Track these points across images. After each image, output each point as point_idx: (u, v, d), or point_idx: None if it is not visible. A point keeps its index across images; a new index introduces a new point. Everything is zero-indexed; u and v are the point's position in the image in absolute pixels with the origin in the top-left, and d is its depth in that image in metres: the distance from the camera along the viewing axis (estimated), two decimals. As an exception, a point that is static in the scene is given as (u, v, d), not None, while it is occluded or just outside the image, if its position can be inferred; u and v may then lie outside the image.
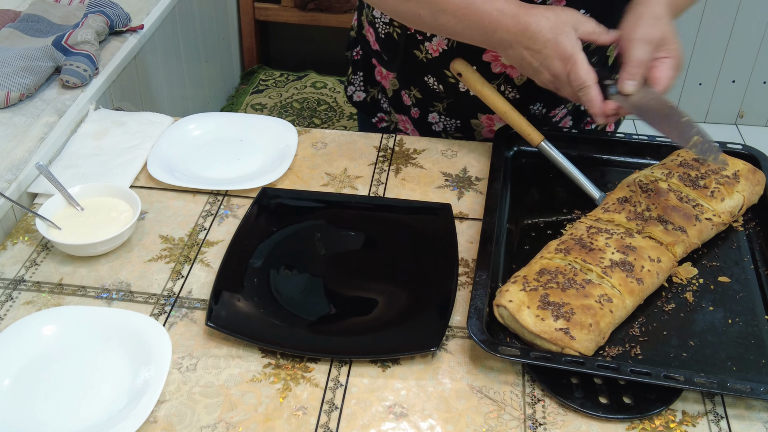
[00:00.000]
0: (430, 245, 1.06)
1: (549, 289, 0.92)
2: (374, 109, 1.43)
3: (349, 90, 1.45)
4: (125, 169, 1.21)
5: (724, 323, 0.95)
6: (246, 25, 2.94)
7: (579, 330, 0.88)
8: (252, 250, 1.05)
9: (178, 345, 0.94)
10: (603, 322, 0.90)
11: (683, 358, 0.90)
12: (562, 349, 0.88)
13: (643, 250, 0.97)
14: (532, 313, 0.90)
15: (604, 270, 0.94)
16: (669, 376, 0.84)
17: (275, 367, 0.91)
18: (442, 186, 1.20)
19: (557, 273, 0.94)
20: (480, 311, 0.91)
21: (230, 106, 2.81)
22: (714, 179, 1.08)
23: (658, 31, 1.02)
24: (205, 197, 1.18)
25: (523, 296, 0.92)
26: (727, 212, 1.06)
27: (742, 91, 3.08)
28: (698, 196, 1.07)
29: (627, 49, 1.02)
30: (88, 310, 0.97)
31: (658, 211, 1.03)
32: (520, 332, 0.91)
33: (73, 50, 1.42)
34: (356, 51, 1.42)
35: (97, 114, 1.36)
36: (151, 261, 1.06)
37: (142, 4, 1.80)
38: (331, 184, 1.20)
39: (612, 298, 0.92)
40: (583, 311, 0.89)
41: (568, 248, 0.97)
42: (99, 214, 1.10)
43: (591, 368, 0.85)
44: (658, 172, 1.11)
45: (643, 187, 1.07)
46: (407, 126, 1.39)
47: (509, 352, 0.87)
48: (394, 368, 0.91)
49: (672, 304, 0.98)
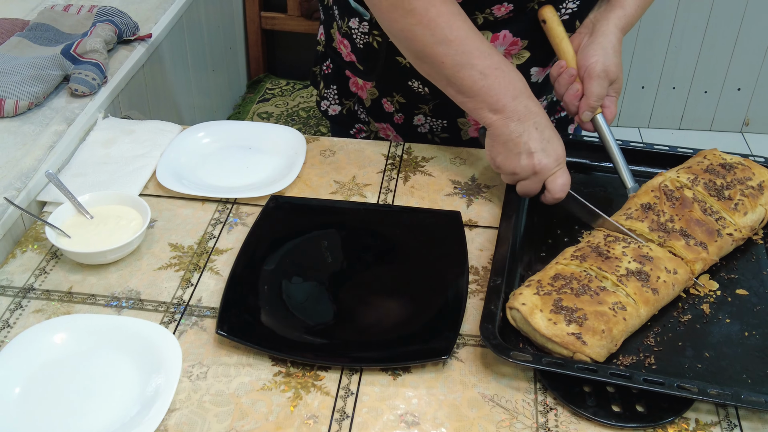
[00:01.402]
0: (440, 253, 1.06)
1: (563, 294, 0.91)
2: (351, 121, 1.42)
3: (322, 105, 1.44)
4: (134, 177, 1.21)
5: (741, 336, 0.94)
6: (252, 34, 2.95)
7: (591, 335, 0.88)
8: (261, 258, 1.05)
9: (188, 353, 0.94)
10: (616, 329, 0.89)
11: (698, 369, 0.90)
12: (573, 354, 0.88)
13: (660, 261, 0.96)
14: (544, 316, 0.90)
15: (619, 278, 0.93)
16: (682, 387, 0.83)
17: (286, 376, 0.91)
18: (451, 194, 1.20)
19: (572, 279, 0.93)
20: (493, 315, 0.91)
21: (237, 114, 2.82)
22: (739, 190, 1.06)
23: (614, 68, 1.14)
24: (214, 205, 1.18)
25: (536, 299, 0.91)
26: (748, 226, 1.05)
27: (748, 99, 3.08)
28: (722, 208, 1.05)
29: (588, 83, 1.14)
30: (97, 318, 0.96)
31: (682, 223, 1.02)
32: (532, 335, 0.91)
33: (81, 59, 1.43)
34: (326, 65, 1.41)
35: (106, 122, 1.36)
36: (160, 269, 1.06)
37: (150, 14, 1.80)
38: (339, 192, 1.20)
39: (626, 306, 0.91)
40: (596, 317, 0.89)
41: (585, 255, 0.97)
42: (108, 222, 1.10)
43: (604, 376, 0.85)
44: (684, 177, 1.08)
45: (668, 193, 1.05)
46: (388, 133, 1.39)
47: (521, 357, 0.86)
48: (404, 376, 0.91)
49: (688, 315, 0.97)
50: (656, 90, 3.06)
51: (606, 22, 1.16)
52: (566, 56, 1.15)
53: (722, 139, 3.14)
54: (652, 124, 3.16)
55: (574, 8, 1.16)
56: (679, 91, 3.08)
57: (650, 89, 3.05)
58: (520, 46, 1.19)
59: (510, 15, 1.15)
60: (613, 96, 1.16)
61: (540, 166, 1.06)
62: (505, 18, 1.15)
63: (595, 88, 1.13)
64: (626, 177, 1.13)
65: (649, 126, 3.16)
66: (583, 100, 1.14)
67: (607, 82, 1.14)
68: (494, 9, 1.13)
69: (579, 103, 1.15)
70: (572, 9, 1.17)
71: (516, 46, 1.19)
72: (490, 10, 1.13)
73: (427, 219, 1.12)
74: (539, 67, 1.23)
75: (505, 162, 1.08)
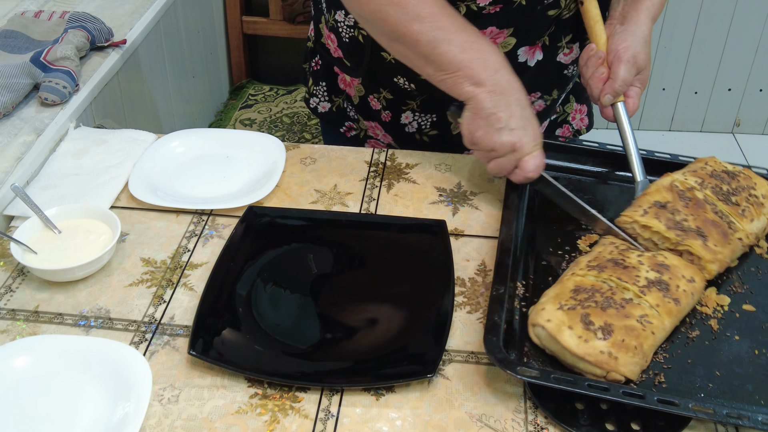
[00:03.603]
0: (425, 264, 1.02)
1: (588, 309, 0.86)
2: (341, 119, 1.39)
3: (311, 102, 1.42)
4: (105, 189, 1.16)
5: (751, 354, 0.90)
6: (234, 39, 2.90)
7: (625, 353, 0.83)
8: (238, 272, 1.01)
9: (159, 375, 0.89)
10: (646, 344, 0.85)
11: (709, 388, 0.85)
12: (606, 373, 0.83)
13: (676, 269, 0.92)
14: (574, 333, 0.84)
15: (641, 289, 0.89)
16: (697, 408, 0.79)
17: (262, 398, 0.86)
18: (436, 201, 1.15)
19: (594, 291, 0.88)
20: (497, 327, 0.86)
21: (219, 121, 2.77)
22: (744, 197, 1.03)
23: (644, 57, 1.13)
24: (188, 217, 1.13)
25: (561, 315, 0.86)
26: (754, 234, 1.02)
27: (738, 100, 3.06)
28: (731, 212, 1.01)
29: (615, 67, 1.12)
30: (63, 339, 0.92)
31: (698, 222, 0.98)
32: (561, 354, 0.86)
33: (52, 67, 1.38)
34: (315, 61, 1.39)
35: (78, 132, 1.31)
36: (131, 285, 1.01)
37: (125, 19, 1.75)
38: (320, 201, 1.16)
39: (652, 318, 0.86)
40: (627, 332, 0.84)
41: (601, 265, 0.92)
42: (77, 237, 1.05)
43: (616, 395, 0.80)
44: (692, 180, 1.04)
45: (680, 193, 1.01)
46: (377, 132, 1.35)
47: (528, 373, 0.81)
48: (388, 396, 0.86)
49: (696, 331, 0.93)
50: (646, 91, 3.03)
51: (636, 13, 1.15)
52: (598, 40, 1.14)
53: (713, 140, 3.11)
54: (643, 125, 3.13)
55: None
56: (669, 93, 3.05)
57: (639, 91, 3.03)
58: (506, 33, 1.16)
59: (496, 9, 1.11)
60: (638, 87, 1.14)
61: (520, 144, 1.04)
62: (491, 12, 1.12)
63: (622, 73, 1.11)
64: (638, 169, 1.10)
65: (640, 128, 3.13)
66: (608, 83, 1.12)
67: (634, 69, 1.12)
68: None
69: (603, 86, 1.13)
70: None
71: (501, 35, 1.16)
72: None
73: (412, 229, 1.08)
74: (526, 46, 1.20)
75: (484, 137, 1.05)
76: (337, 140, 1.41)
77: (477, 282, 1.01)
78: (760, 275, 1.01)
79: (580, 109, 1.40)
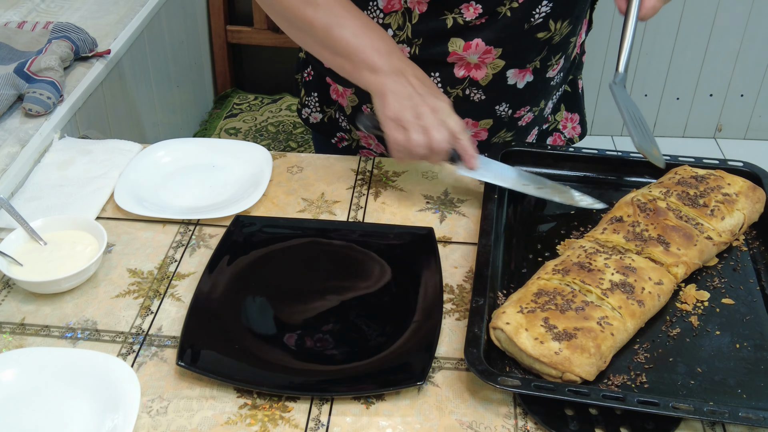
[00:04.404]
0: (413, 272, 1.02)
1: (547, 311, 0.87)
2: (333, 129, 1.39)
3: (303, 112, 1.42)
4: (91, 200, 1.15)
5: (732, 348, 0.90)
6: (218, 49, 2.89)
7: (580, 354, 0.84)
8: (226, 282, 1.00)
9: (148, 386, 0.88)
10: (604, 346, 0.85)
11: (691, 386, 0.86)
12: (562, 374, 0.84)
13: (643, 271, 0.93)
14: (530, 335, 0.85)
15: (604, 292, 0.90)
16: (677, 407, 0.79)
17: (252, 408, 0.86)
18: (423, 209, 1.15)
19: (555, 294, 0.90)
20: (477, 339, 0.86)
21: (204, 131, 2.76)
22: (713, 197, 1.05)
23: None
24: (175, 227, 1.12)
25: (520, 318, 0.87)
26: (728, 231, 1.03)
27: (720, 105, 3.08)
28: (698, 215, 1.03)
29: None
30: (50, 351, 0.91)
31: (658, 231, 0.99)
32: (518, 356, 0.87)
33: (36, 77, 1.37)
34: (307, 72, 1.38)
35: (62, 143, 1.31)
36: (118, 297, 1.01)
37: (109, 29, 1.75)
38: (308, 209, 1.16)
39: (612, 320, 0.88)
40: (584, 334, 0.85)
41: (566, 269, 0.93)
42: (63, 249, 1.04)
43: (597, 399, 0.80)
44: (656, 191, 1.07)
45: (641, 206, 1.03)
46: (370, 142, 1.35)
47: (509, 383, 0.82)
48: (378, 405, 0.86)
49: (677, 328, 0.93)
50: (629, 98, 3.06)
51: None
52: None
53: (696, 146, 3.14)
54: (626, 131, 3.15)
55: (548, 10, 1.13)
56: (652, 99, 3.07)
57: (622, 97, 3.04)
58: (494, 54, 1.15)
59: (482, 21, 1.11)
60: None
61: (435, 143, 1.03)
62: (477, 24, 1.12)
63: None
64: (623, 60, 1.04)
65: (623, 134, 3.14)
66: None
67: None
68: (462, 8, 1.10)
69: None
70: (546, 12, 1.13)
71: (490, 54, 1.15)
72: (459, 10, 1.10)
73: (400, 236, 1.08)
74: (516, 68, 1.19)
75: (401, 140, 1.05)
76: (329, 150, 1.41)
77: (465, 289, 1.01)
78: (739, 269, 1.02)
79: (571, 117, 1.40)
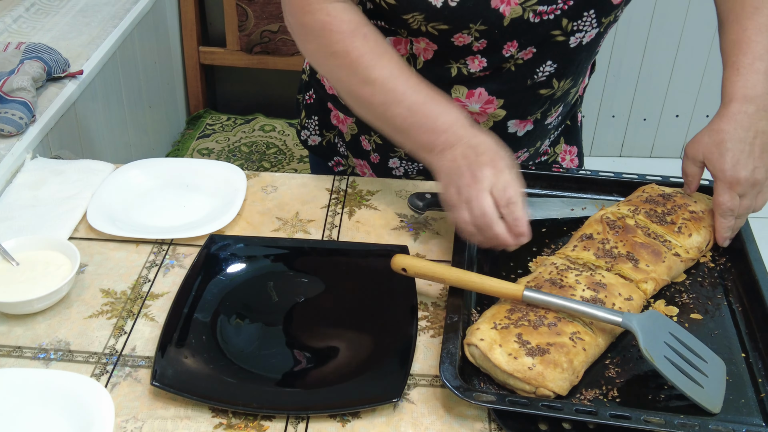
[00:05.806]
0: (388, 289, 1.02)
1: (521, 327, 0.88)
2: (330, 153, 1.39)
3: (303, 134, 1.41)
4: (63, 220, 1.15)
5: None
6: (191, 70, 2.89)
7: (553, 369, 0.85)
8: (200, 301, 1.00)
9: (122, 407, 0.88)
10: (576, 361, 0.87)
11: (661, 399, 0.87)
12: (535, 389, 0.85)
13: (613, 287, 0.95)
14: (504, 351, 0.86)
15: None
16: (648, 420, 0.81)
17: (227, 428, 0.85)
18: (397, 227, 1.16)
19: (528, 311, 0.91)
20: (452, 356, 0.87)
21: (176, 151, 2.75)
22: (680, 215, 1.07)
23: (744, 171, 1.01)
24: (149, 247, 1.12)
25: (494, 334, 0.88)
26: (695, 247, 1.05)
27: (686, 126, 3.13)
28: (666, 232, 1.05)
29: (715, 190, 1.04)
30: (23, 372, 0.90)
31: (627, 248, 1.01)
32: (492, 372, 0.88)
33: (8, 97, 1.36)
34: (309, 95, 1.38)
35: (34, 163, 1.30)
36: (91, 317, 1.00)
37: (81, 50, 1.74)
38: (282, 228, 1.16)
39: (584, 335, 0.89)
40: (557, 349, 0.86)
41: (539, 285, 0.95)
42: (35, 269, 1.03)
43: (570, 413, 0.81)
44: (625, 209, 1.09)
45: (610, 224, 1.05)
46: (365, 171, 1.36)
47: (485, 398, 0.83)
48: (354, 422, 0.86)
49: (648, 343, 0.95)
50: (596, 118, 3.10)
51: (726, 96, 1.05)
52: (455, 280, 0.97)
53: (663, 166, 3.18)
54: (594, 152, 3.19)
55: (551, 70, 1.14)
56: (619, 120, 3.12)
57: (590, 118, 3.08)
58: (496, 105, 1.16)
59: (486, 73, 1.13)
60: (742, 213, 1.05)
61: (477, 218, 0.97)
62: (481, 76, 1.13)
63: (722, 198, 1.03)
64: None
65: (591, 154, 3.18)
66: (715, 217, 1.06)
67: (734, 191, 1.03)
68: (468, 60, 1.11)
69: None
70: (549, 71, 1.14)
71: (491, 104, 1.16)
72: (464, 61, 1.11)
73: (374, 254, 1.09)
74: (516, 119, 1.20)
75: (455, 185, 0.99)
76: (326, 173, 1.41)
77: (440, 306, 1.02)
78: (706, 284, 1.04)
79: (569, 150, 1.40)
